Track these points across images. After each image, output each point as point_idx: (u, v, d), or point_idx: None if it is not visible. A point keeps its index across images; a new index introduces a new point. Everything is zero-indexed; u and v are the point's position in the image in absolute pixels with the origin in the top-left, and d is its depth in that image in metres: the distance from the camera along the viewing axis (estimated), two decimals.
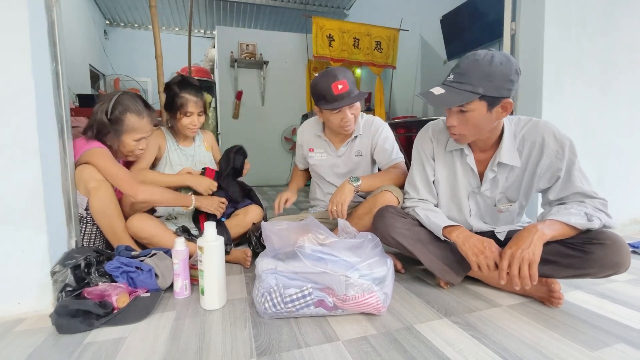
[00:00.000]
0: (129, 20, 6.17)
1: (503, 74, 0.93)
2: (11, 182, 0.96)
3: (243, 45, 4.43)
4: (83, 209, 1.21)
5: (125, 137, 1.29)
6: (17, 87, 0.96)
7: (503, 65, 0.93)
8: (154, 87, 5.92)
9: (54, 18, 1.07)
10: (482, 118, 0.98)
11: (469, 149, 1.13)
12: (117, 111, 1.26)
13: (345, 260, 0.96)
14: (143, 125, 1.31)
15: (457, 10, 3.06)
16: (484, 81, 0.93)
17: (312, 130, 1.57)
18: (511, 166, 1.08)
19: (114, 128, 1.26)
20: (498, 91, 0.94)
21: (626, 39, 1.77)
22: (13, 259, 0.98)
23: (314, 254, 0.96)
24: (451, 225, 1.09)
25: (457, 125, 1.03)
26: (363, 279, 0.93)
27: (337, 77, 1.30)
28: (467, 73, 0.95)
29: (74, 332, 0.89)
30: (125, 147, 1.31)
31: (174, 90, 1.45)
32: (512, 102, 0.97)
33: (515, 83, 0.95)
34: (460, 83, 0.96)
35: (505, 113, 0.99)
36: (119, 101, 1.27)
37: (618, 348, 0.80)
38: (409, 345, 0.82)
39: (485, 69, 0.93)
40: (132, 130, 1.28)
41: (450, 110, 1.02)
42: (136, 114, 1.29)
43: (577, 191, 1.02)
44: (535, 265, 0.90)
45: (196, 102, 1.46)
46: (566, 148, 1.01)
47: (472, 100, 0.94)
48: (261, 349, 0.81)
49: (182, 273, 1.09)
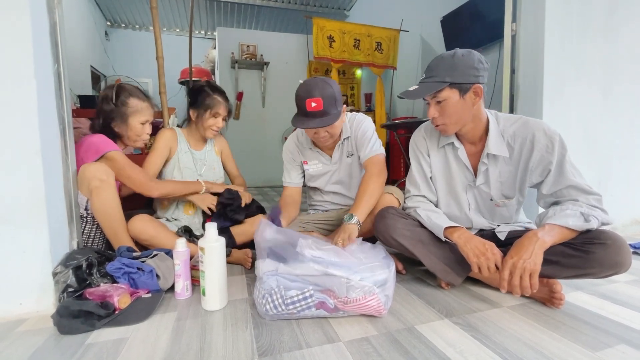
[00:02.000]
0: (130, 21, 6.19)
1: (465, 63, 1.03)
2: (13, 182, 0.97)
3: (244, 46, 4.44)
4: (83, 208, 1.21)
5: (132, 120, 1.35)
6: (19, 88, 0.96)
7: (465, 57, 1.04)
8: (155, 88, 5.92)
9: (55, 20, 1.07)
10: (457, 105, 1.06)
11: (459, 142, 1.16)
12: (121, 96, 1.33)
13: (346, 262, 0.96)
14: (146, 108, 1.38)
15: (458, 11, 3.06)
16: (449, 71, 1.04)
17: (299, 146, 1.53)
18: (501, 159, 1.11)
19: (120, 112, 1.32)
20: (464, 77, 1.03)
21: (627, 40, 1.77)
22: (14, 259, 0.98)
23: (315, 257, 0.96)
24: (453, 226, 1.09)
25: (437, 116, 1.10)
26: (364, 281, 0.93)
27: (311, 94, 1.23)
28: (434, 69, 1.07)
29: (75, 332, 0.89)
30: (133, 130, 1.36)
31: (206, 90, 1.50)
32: (482, 87, 1.05)
33: (480, 70, 1.04)
34: (430, 77, 1.07)
35: (478, 98, 1.07)
36: (121, 87, 1.36)
37: (619, 349, 0.80)
38: (410, 346, 0.82)
39: (448, 62, 1.04)
40: (137, 112, 1.35)
41: (430, 104, 1.10)
42: (139, 97, 1.37)
43: (570, 184, 1.03)
44: (536, 275, 0.91)
45: (225, 106, 1.53)
46: (556, 142, 1.04)
47: (442, 88, 1.04)
48: (262, 349, 0.81)
49: (184, 274, 1.09)
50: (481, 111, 1.10)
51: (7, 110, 0.96)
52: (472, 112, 1.08)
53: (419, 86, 1.08)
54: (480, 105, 1.08)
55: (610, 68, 1.74)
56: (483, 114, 1.11)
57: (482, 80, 1.05)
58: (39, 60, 0.99)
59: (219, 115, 1.51)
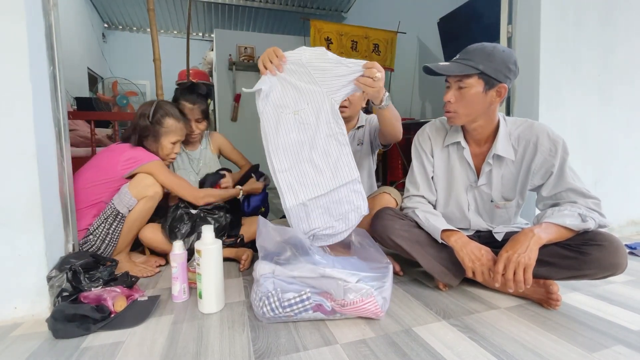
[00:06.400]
0: (127, 23, 6.18)
1: (503, 59, 1.02)
2: (8, 185, 0.96)
3: (241, 48, 4.44)
4: (127, 209, 1.29)
5: (164, 140, 1.39)
6: (15, 90, 0.96)
7: (504, 53, 1.03)
8: (152, 90, 5.92)
9: (51, 22, 1.07)
10: (478, 98, 1.04)
11: (465, 142, 1.16)
12: (158, 115, 1.37)
13: (344, 264, 0.96)
14: (180, 129, 1.42)
15: (454, 13, 3.08)
16: (485, 60, 1.02)
17: None
18: (506, 161, 1.11)
19: (154, 130, 1.36)
20: (496, 73, 1.01)
21: (623, 41, 1.78)
22: (9, 263, 0.97)
23: (312, 258, 0.96)
24: (450, 229, 1.09)
25: (453, 102, 1.08)
26: (361, 283, 0.93)
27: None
28: (471, 52, 1.05)
29: (70, 336, 0.88)
30: (163, 150, 1.40)
31: (175, 95, 1.55)
32: (507, 88, 1.04)
33: (512, 72, 1.03)
34: (464, 59, 1.05)
35: (499, 99, 1.06)
36: (159, 106, 1.40)
37: (616, 350, 0.81)
38: (407, 348, 0.82)
39: (488, 51, 1.03)
40: (170, 132, 1.39)
41: (450, 86, 1.09)
42: (174, 117, 1.41)
43: (569, 187, 1.04)
44: (530, 269, 0.91)
45: (191, 109, 1.52)
46: (559, 146, 1.05)
47: (472, 74, 1.02)
48: (259, 352, 0.81)
49: (181, 276, 1.08)
50: (495, 112, 1.10)
51: (1, 113, 0.95)
52: (486, 109, 1.07)
53: (450, 64, 1.07)
54: (497, 105, 1.08)
55: (605, 70, 1.75)
56: (496, 115, 1.11)
57: (509, 83, 1.04)
58: (34, 62, 0.99)
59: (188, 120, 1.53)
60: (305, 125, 1.09)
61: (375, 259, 1.06)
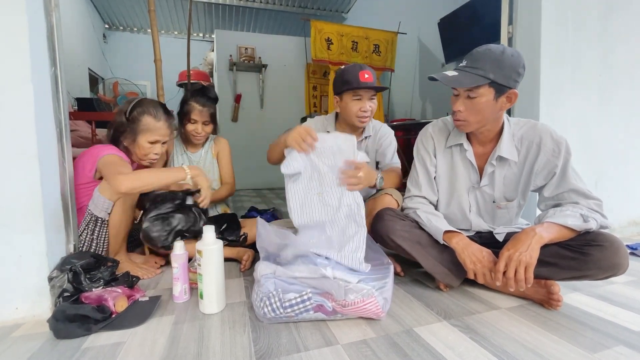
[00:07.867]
0: (128, 24, 6.19)
1: (512, 64, 0.98)
2: (9, 186, 0.96)
3: (242, 49, 4.44)
4: (106, 212, 1.22)
5: (140, 138, 1.30)
6: (16, 91, 0.96)
7: (513, 57, 0.99)
8: (153, 91, 5.93)
9: (53, 22, 1.07)
10: (488, 106, 1.02)
11: (469, 143, 1.15)
12: (135, 112, 1.30)
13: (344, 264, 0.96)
14: (158, 128, 1.32)
15: (455, 14, 3.08)
16: (495, 68, 0.98)
17: (321, 128, 1.55)
18: (509, 162, 1.11)
19: (130, 127, 1.30)
20: (506, 80, 0.98)
21: (623, 42, 1.78)
22: (11, 264, 0.97)
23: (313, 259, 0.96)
24: (452, 230, 1.09)
25: (463, 111, 1.05)
26: (362, 283, 0.93)
27: (364, 68, 1.38)
28: (479, 59, 1.00)
29: (71, 337, 0.88)
30: (140, 149, 1.31)
31: (185, 96, 1.56)
32: (517, 93, 1.01)
33: (521, 76, 1.01)
34: (473, 68, 1.00)
35: (509, 104, 1.04)
36: (138, 103, 1.33)
37: (617, 350, 0.80)
38: (408, 348, 0.82)
39: (497, 57, 0.98)
40: (147, 131, 1.30)
41: (458, 95, 1.06)
42: (153, 116, 1.32)
43: (571, 188, 1.04)
44: (531, 268, 0.91)
45: (201, 111, 1.54)
46: (562, 147, 1.04)
47: (483, 84, 0.99)
48: (260, 353, 0.81)
49: (182, 277, 1.08)
50: (502, 114, 1.09)
51: (3, 113, 0.95)
52: (497, 115, 1.06)
53: (459, 73, 1.02)
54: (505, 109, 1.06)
55: (606, 70, 1.75)
56: (501, 117, 1.09)
57: (518, 87, 1.02)
58: (36, 63, 0.99)
59: (195, 122, 1.55)
60: (327, 207, 1.12)
61: (376, 260, 1.06)
